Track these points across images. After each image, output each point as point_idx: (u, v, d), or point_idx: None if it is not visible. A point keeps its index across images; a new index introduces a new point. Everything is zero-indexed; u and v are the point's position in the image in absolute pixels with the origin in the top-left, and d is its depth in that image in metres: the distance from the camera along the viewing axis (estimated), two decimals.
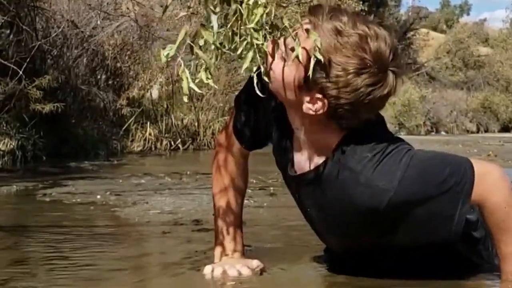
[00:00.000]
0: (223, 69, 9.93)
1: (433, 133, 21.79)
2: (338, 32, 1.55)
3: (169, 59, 1.45)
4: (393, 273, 1.76)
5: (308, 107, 1.60)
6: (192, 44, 1.46)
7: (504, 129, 25.85)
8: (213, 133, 9.66)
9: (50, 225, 2.94)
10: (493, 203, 1.61)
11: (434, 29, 46.15)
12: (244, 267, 1.82)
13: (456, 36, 36.49)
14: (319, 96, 1.58)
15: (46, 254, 2.23)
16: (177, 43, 1.44)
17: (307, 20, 1.59)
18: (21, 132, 6.39)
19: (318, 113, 1.60)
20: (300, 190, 1.77)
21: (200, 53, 1.44)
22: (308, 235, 1.94)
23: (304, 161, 1.71)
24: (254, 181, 4.53)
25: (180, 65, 1.46)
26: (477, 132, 24.27)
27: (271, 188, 4.29)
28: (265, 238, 2.57)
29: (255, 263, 1.86)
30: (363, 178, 1.57)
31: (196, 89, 1.44)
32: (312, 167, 1.69)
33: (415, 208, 1.59)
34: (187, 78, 1.43)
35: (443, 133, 22.13)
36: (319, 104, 1.59)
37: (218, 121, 9.79)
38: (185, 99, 1.53)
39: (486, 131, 24.77)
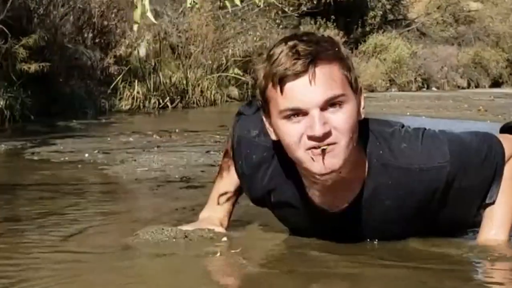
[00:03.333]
0: (211, 26, 9.83)
1: (424, 89, 21.78)
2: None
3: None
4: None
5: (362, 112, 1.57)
6: None
7: (495, 84, 25.83)
8: (201, 91, 9.61)
9: (39, 183, 2.96)
10: None
11: None
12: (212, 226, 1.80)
13: None
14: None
15: (36, 211, 2.26)
16: None
17: None
18: (9, 91, 6.35)
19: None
20: (336, 221, 1.66)
21: None
22: None
23: (339, 196, 1.61)
24: None
25: None
26: (468, 87, 24.25)
27: None
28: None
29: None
30: (416, 166, 1.57)
31: (152, 18, 1.38)
32: (353, 196, 1.61)
33: (464, 182, 1.59)
34: (143, 5, 1.36)
35: (434, 89, 22.11)
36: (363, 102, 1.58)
37: (206, 79, 9.74)
38: (135, 27, 1.47)
39: (477, 86, 24.75)
